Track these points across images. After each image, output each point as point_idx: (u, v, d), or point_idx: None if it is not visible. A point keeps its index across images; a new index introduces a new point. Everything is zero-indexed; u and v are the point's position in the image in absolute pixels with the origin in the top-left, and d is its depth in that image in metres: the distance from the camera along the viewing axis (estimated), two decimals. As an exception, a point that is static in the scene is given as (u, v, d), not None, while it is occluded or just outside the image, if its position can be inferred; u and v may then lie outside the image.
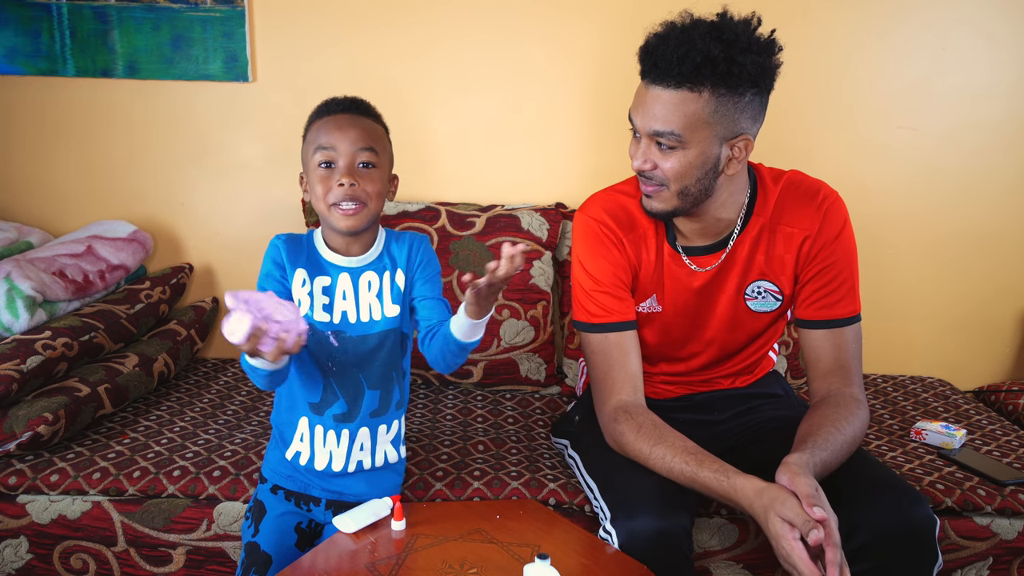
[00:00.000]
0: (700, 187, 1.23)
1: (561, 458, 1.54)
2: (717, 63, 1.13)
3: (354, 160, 1.19)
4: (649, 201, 1.28)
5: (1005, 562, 1.41)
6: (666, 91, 1.17)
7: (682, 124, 1.17)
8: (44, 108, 2.03)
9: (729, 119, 1.18)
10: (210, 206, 2.10)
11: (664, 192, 1.25)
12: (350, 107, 1.24)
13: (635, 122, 1.23)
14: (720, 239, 1.33)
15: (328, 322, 1.23)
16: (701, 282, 1.35)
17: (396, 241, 1.29)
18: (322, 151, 1.19)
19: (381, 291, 1.25)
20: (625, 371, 1.32)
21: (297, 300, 1.23)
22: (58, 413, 1.46)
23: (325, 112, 1.23)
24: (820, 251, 1.30)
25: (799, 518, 1.02)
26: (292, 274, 1.23)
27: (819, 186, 1.33)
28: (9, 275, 1.63)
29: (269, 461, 1.32)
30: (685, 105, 1.16)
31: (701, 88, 1.15)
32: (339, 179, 1.17)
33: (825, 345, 1.30)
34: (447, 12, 1.98)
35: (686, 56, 1.13)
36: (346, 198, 1.17)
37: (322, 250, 1.26)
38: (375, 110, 1.28)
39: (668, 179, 1.22)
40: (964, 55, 1.98)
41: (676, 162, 1.20)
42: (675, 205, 1.25)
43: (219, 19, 1.96)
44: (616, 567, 1.07)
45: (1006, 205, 2.06)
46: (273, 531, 1.23)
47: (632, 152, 1.26)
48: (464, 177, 2.08)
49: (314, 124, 1.23)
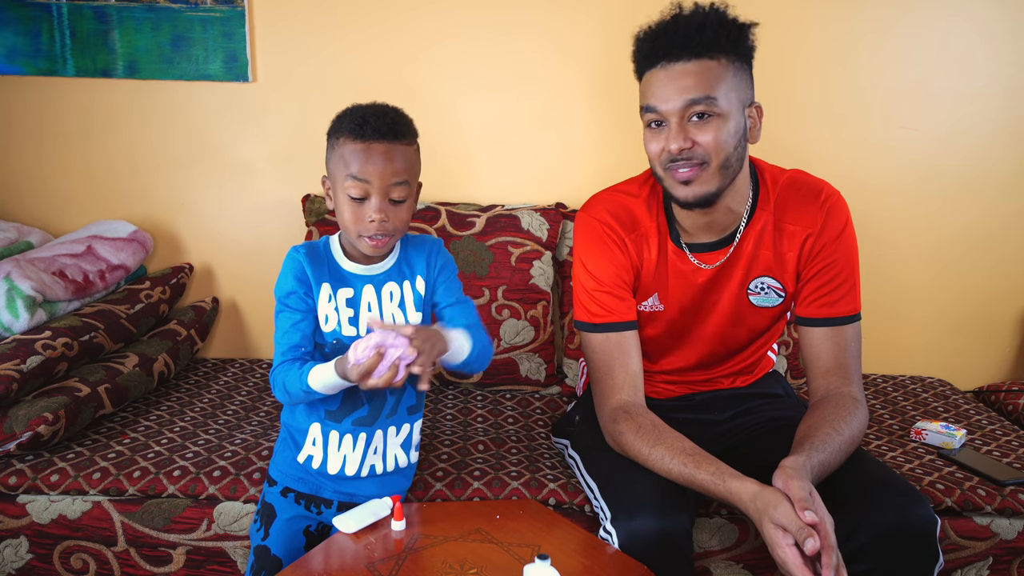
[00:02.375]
0: (738, 156, 1.23)
1: (561, 458, 1.54)
2: (730, 29, 1.20)
3: (387, 195, 1.16)
4: (688, 188, 1.23)
5: (1005, 562, 1.41)
6: (688, 64, 1.19)
7: (715, 88, 1.19)
8: (44, 108, 2.03)
9: (744, 84, 1.23)
10: (210, 206, 2.10)
11: (706, 171, 1.22)
12: (387, 133, 1.16)
13: (658, 108, 1.21)
14: (726, 235, 1.33)
15: (355, 335, 1.23)
16: (706, 278, 1.35)
17: (413, 247, 1.29)
18: (355, 182, 1.15)
19: (403, 301, 1.26)
20: (625, 371, 1.32)
21: (324, 316, 1.23)
22: (58, 413, 1.46)
23: (360, 135, 1.15)
24: (822, 250, 1.30)
25: (793, 524, 1.01)
26: (319, 290, 1.23)
27: (822, 185, 1.33)
28: (9, 275, 1.63)
29: (278, 463, 1.32)
30: (711, 71, 1.19)
31: (718, 55, 1.19)
32: (371, 215, 1.16)
33: (825, 344, 1.30)
34: (447, 11, 1.98)
35: (703, 26, 1.18)
36: (378, 232, 1.17)
37: (340, 260, 1.26)
38: (410, 126, 1.21)
39: (710, 153, 1.20)
40: (964, 55, 1.98)
41: (715, 132, 1.20)
42: (718, 183, 1.23)
43: (219, 19, 1.96)
44: (616, 567, 1.07)
45: (1006, 205, 2.06)
46: (283, 534, 1.23)
47: (654, 143, 1.23)
48: (464, 177, 2.08)
49: (346, 143, 1.17)
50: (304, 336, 1.23)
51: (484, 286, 1.89)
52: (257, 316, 2.14)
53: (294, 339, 1.22)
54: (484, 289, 1.89)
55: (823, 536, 1.00)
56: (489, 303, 1.89)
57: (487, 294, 1.89)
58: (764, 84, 2.02)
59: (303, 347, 1.23)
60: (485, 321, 1.85)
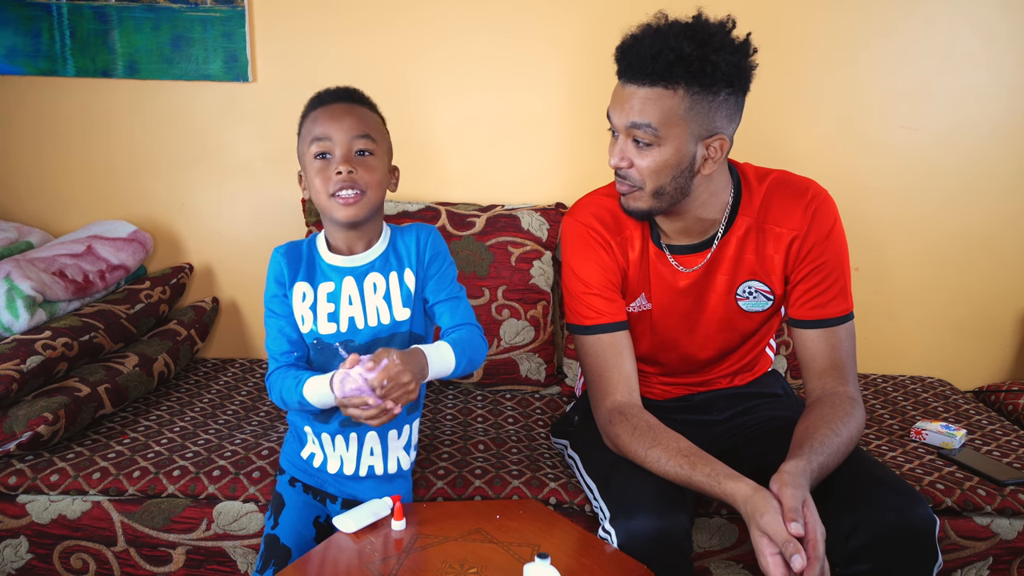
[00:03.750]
0: (675, 186, 1.24)
1: (561, 458, 1.54)
2: (690, 61, 1.15)
3: (351, 148, 1.16)
4: (625, 200, 1.30)
5: (1005, 562, 1.41)
6: (641, 88, 1.19)
7: (658, 118, 1.18)
8: (44, 108, 2.03)
9: (704, 117, 1.19)
10: (210, 206, 2.10)
11: (639, 192, 1.26)
12: (343, 96, 1.21)
13: (612, 119, 1.25)
14: (705, 239, 1.34)
15: (336, 332, 1.21)
16: (688, 282, 1.35)
17: (402, 236, 1.25)
18: (318, 142, 1.17)
19: (388, 293, 1.22)
20: (619, 372, 1.32)
21: (300, 317, 1.22)
22: (58, 413, 1.46)
23: (318, 103, 1.20)
24: (810, 251, 1.30)
25: (779, 535, 1.01)
26: (292, 290, 1.22)
27: (807, 185, 1.32)
28: (9, 275, 1.63)
29: (287, 453, 1.33)
30: (661, 101, 1.18)
31: (675, 85, 1.17)
32: (336, 168, 1.15)
33: (819, 345, 1.30)
34: (447, 12, 1.98)
35: (659, 54, 1.15)
36: (344, 186, 1.15)
37: (324, 254, 1.23)
38: (369, 99, 1.25)
39: (643, 178, 1.23)
40: (964, 55, 1.98)
41: (652, 160, 1.21)
42: (651, 205, 1.27)
43: (219, 19, 1.96)
44: (616, 567, 1.07)
45: (1007, 205, 2.06)
46: (293, 524, 1.23)
47: (611, 151, 1.27)
48: (464, 177, 2.08)
49: (308, 117, 1.20)
50: (291, 341, 1.23)
51: (484, 286, 1.89)
52: (257, 316, 2.14)
53: (283, 346, 1.23)
54: (484, 289, 1.89)
55: (811, 546, 1.00)
56: (489, 303, 1.89)
57: (487, 294, 1.89)
58: (765, 84, 2.02)
59: (294, 352, 1.23)
60: (485, 321, 1.86)
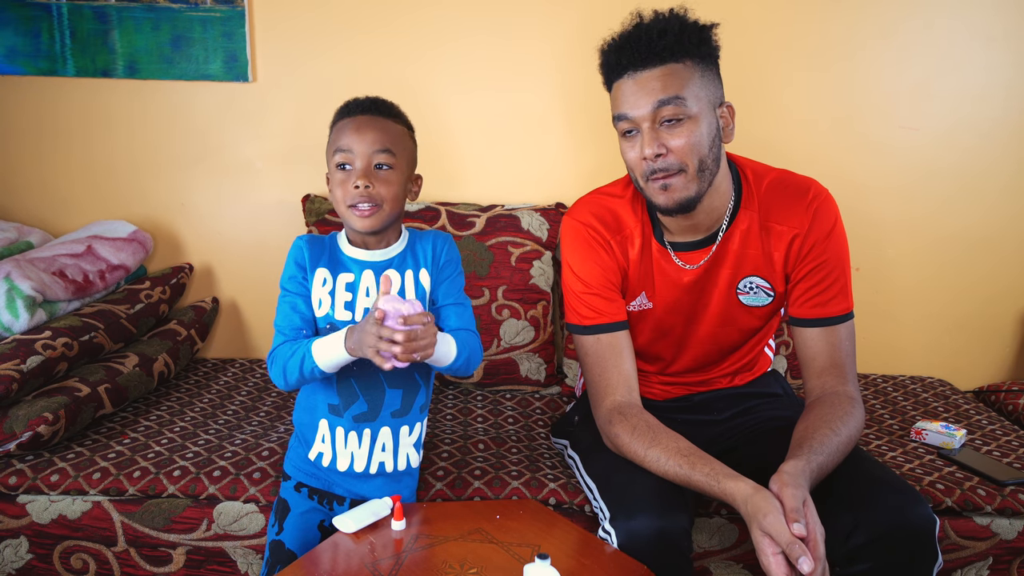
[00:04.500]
0: (713, 157, 1.24)
1: (561, 458, 1.54)
2: (692, 32, 1.21)
3: (370, 163, 1.20)
4: (668, 194, 1.24)
5: (1005, 562, 1.41)
6: (655, 68, 1.20)
7: (682, 88, 1.20)
8: (44, 108, 2.03)
9: (711, 84, 1.23)
10: (210, 206, 2.10)
11: (683, 176, 1.22)
12: (369, 108, 1.24)
13: (629, 115, 1.23)
14: (708, 234, 1.33)
15: (351, 320, 1.24)
16: (691, 278, 1.35)
17: (420, 240, 1.31)
18: (340, 153, 1.21)
19: (403, 290, 1.27)
20: (619, 371, 1.32)
21: (317, 300, 1.25)
22: (58, 413, 1.46)
23: (345, 113, 1.25)
24: (811, 250, 1.30)
25: (782, 536, 1.01)
26: (312, 275, 1.26)
27: (808, 184, 1.32)
28: (9, 275, 1.63)
29: (292, 458, 1.33)
30: (677, 74, 1.20)
31: (683, 58, 1.20)
32: (355, 181, 1.19)
33: (819, 344, 1.30)
34: (447, 12, 1.98)
35: (665, 30, 1.19)
36: (361, 200, 1.20)
37: (344, 247, 1.28)
38: (396, 109, 1.28)
39: (684, 158, 1.21)
40: (963, 56, 1.98)
41: (687, 135, 1.20)
42: (697, 187, 1.23)
43: (219, 19, 1.96)
44: (616, 567, 1.07)
45: (1006, 205, 2.06)
46: (297, 529, 1.24)
47: (631, 151, 1.25)
48: (464, 177, 2.08)
49: (335, 126, 1.25)
50: (304, 319, 1.25)
51: (484, 286, 1.89)
52: (257, 316, 2.14)
53: (295, 321, 1.25)
54: (484, 289, 1.89)
55: (811, 547, 1.00)
56: (489, 303, 1.89)
57: (487, 294, 1.89)
58: (765, 84, 2.03)
59: (304, 329, 1.25)
60: (485, 321, 1.86)
